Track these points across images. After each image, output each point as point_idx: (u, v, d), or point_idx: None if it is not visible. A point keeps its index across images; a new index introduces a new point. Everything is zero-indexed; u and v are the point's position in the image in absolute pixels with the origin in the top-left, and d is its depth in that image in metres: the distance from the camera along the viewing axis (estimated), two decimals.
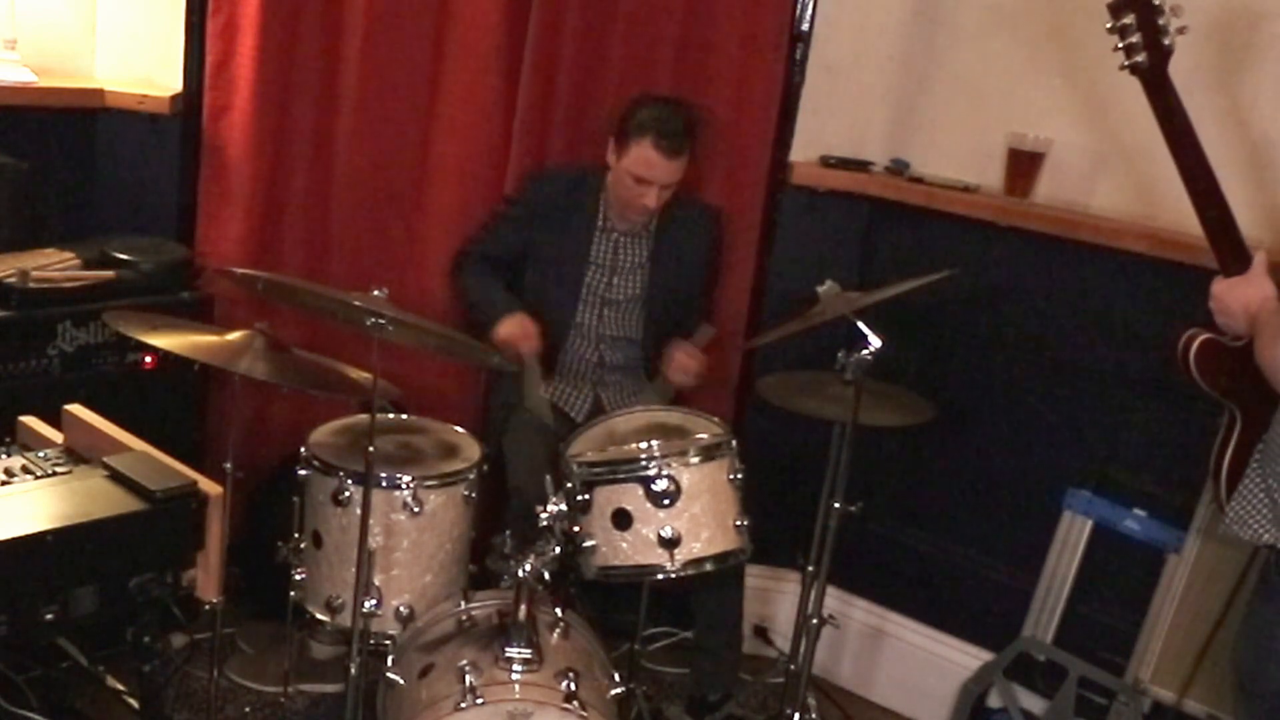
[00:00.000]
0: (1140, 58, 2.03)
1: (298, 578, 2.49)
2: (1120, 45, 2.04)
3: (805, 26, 3.09)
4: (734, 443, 2.42)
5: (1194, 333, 2.12)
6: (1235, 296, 1.97)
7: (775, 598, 3.38)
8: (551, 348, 2.98)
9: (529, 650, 2.20)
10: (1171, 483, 2.75)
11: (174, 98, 2.93)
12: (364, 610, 2.28)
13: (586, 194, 2.97)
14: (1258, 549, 2.01)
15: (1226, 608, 2.55)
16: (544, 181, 3.01)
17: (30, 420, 2.24)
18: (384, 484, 2.37)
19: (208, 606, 2.21)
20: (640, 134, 2.77)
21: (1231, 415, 2.10)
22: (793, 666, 2.72)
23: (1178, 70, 2.06)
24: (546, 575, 2.24)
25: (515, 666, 2.19)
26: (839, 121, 3.18)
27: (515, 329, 2.85)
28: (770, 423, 3.09)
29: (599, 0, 3.04)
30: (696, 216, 3.05)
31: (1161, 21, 2.01)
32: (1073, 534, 2.88)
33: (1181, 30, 2.03)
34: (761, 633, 3.37)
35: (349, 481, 2.38)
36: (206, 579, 2.06)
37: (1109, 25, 2.05)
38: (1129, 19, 2.02)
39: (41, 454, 2.10)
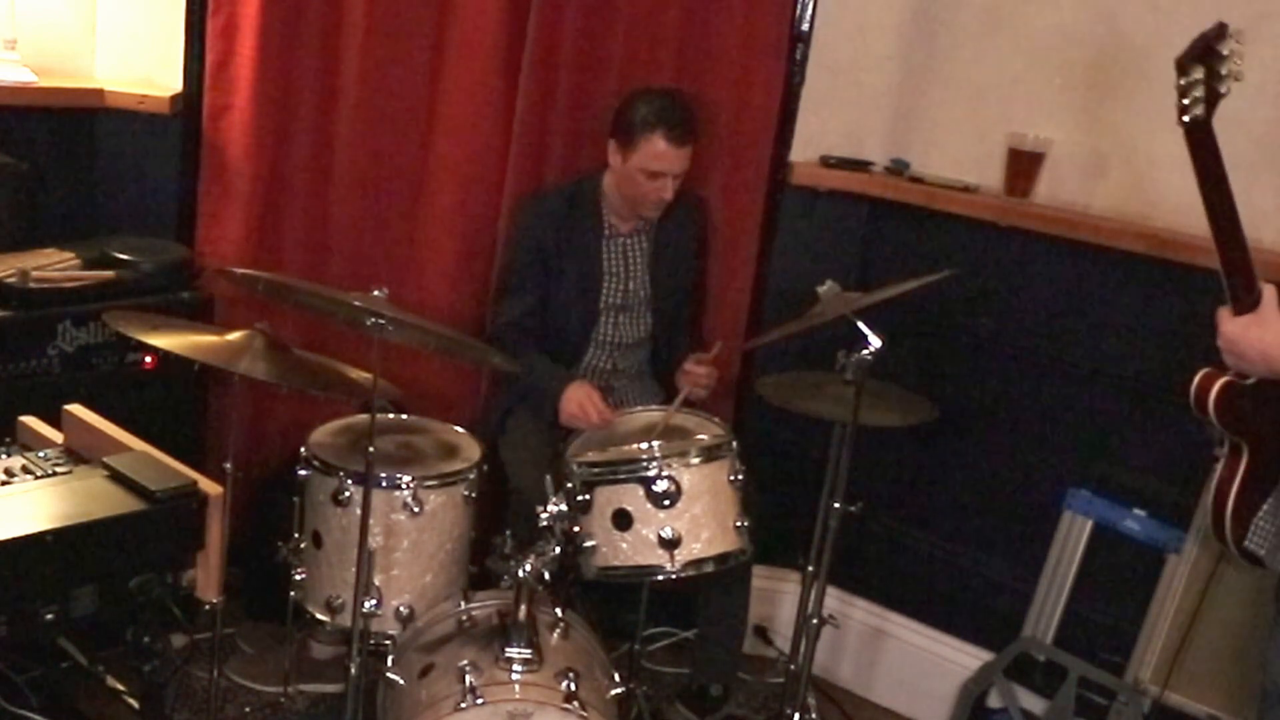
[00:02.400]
0: (1199, 111, 1.87)
1: (298, 578, 2.49)
2: (1185, 101, 1.88)
3: (805, 26, 3.09)
4: (735, 444, 2.42)
5: (1210, 374, 2.02)
6: (1250, 341, 1.90)
7: (775, 598, 3.38)
8: (569, 362, 2.96)
9: (529, 650, 2.20)
10: (1171, 483, 2.75)
11: (174, 98, 2.93)
12: (364, 610, 2.28)
13: (586, 203, 2.94)
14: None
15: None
16: (539, 202, 2.96)
17: (30, 420, 2.24)
18: (384, 484, 2.37)
19: (208, 606, 2.20)
20: (647, 129, 2.75)
21: (1236, 447, 2.07)
22: (793, 666, 2.71)
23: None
24: (546, 575, 2.24)
25: (515, 666, 2.19)
26: (839, 121, 3.18)
27: (576, 410, 2.72)
28: (770, 423, 3.09)
29: (599, 0, 3.04)
30: (684, 209, 3.04)
31: (1224, 71, 1.87)
32: (1073, 534, 2.88)
33: (1237, 77, 1.88)
34: (761, 633, 3.37)
35: (349, 481, 2.38)
36: (206, 579, 2.06)
37: (1179, 82, 1.88)
38: (1198, 74, 1.87)
39: (41, 454, 2.10)
